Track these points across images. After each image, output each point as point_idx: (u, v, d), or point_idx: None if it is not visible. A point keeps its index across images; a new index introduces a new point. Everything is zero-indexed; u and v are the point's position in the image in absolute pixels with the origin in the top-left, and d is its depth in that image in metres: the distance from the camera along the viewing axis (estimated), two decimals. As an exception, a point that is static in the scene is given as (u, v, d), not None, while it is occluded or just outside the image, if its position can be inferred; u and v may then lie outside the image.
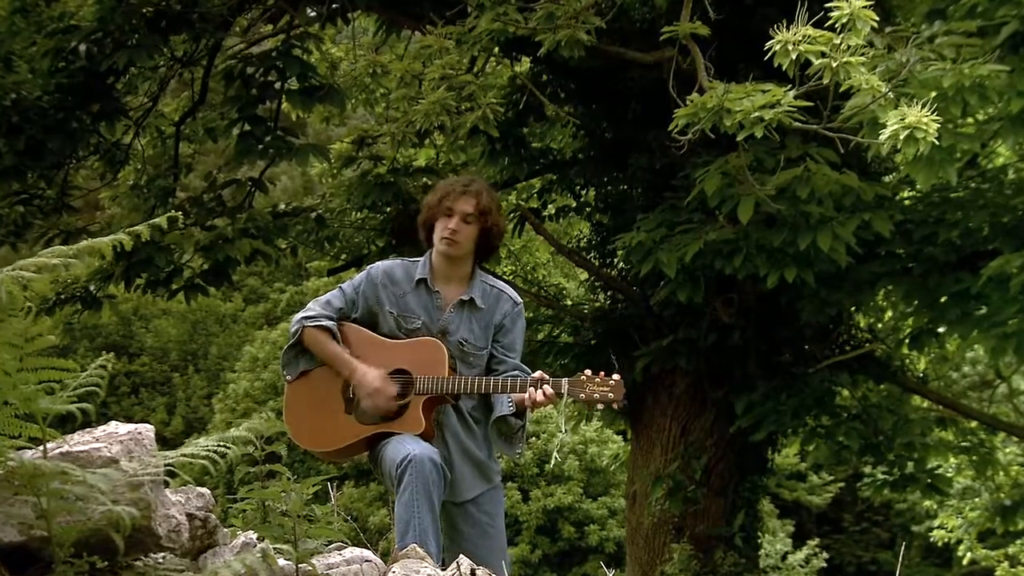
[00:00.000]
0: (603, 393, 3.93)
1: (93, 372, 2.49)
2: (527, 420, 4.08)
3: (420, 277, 4.12)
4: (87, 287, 9.67)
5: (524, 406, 3.98)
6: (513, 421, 4.04)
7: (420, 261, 4.18)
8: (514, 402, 3.99)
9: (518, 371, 4.09)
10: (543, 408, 3.95)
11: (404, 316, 4.11)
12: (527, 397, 3.90)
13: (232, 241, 8.67)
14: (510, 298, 4.18)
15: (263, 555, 2.48)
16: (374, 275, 4.17)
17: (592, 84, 9.00)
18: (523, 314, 4.24)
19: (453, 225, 4.07)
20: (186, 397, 29.38)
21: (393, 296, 4.12)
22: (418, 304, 4.11)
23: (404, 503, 3.79)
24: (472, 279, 4.16)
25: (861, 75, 4.92)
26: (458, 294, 4.13)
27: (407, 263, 4.21)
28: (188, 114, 10.28)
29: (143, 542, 2.59)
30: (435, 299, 4.12)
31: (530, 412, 4.03)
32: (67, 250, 2.38)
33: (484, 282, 4.18)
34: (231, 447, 2.50)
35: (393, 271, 4.18)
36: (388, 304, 4.12)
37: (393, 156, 8.85)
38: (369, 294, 4.15)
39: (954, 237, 7.34)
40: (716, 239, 7.07)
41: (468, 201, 4.11)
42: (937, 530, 15.63)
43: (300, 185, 29.83)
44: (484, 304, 4.13)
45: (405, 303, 4.12)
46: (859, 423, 8.06)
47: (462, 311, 4.12)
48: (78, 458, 2.48)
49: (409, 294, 4.12)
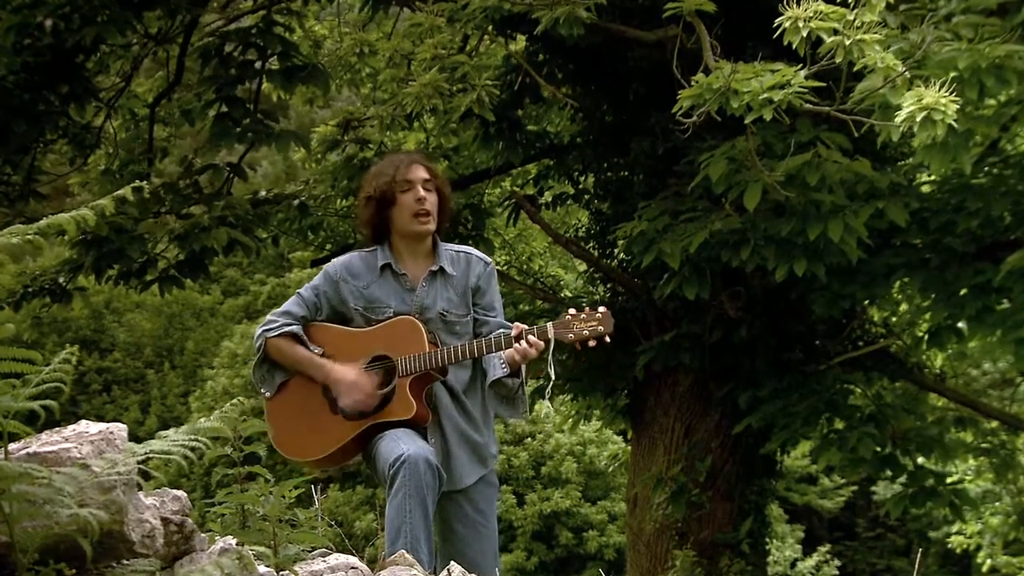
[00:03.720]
0: (593, 328, 3.95)
1: (57, 366, 2.49)
2: (524, 377, 4.09)
3: (384, 263, 4.14)
4: (56, 279, 9.65)
5: (518, 365, 4.00)
6: (510, 382, 4.07)
7: (377, 249, 4.19)
8: (507, 361, 4.01)
9: (502, 329, 4.11)
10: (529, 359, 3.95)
11: (372, 308, 4.12)
12: (515, 353, 3.92)
13: (209, 230, 8.66)
14: (480, 259, 4.22)
15: (241, 560, 2.48)
16: (332, 272, 4.17)
17: (592, 64, 9.00)
18: (495, 273, 4.27)
19: (422, 193, 4.10)
20: (161, 395, 29.35)
21: (356, 290, 4.13)
22: (386, 291, 4.13)
23: (396, 506, 3.80)
24: (435, 250, 4.18)
25: (876, 54, 4.92)
26: (425, 269, 4.15)
27: (364, 254, 4.21)
28: (163, 95, 10.25)
29: (115, 548, 2.58)
30: (403, 281, 4.14)
31: (525, 368, 4.04)
32: (27, 229, 2.36)
33: (448, 250, 4.21)
34: (203, 441, 2.49)
35: (352, 264, 4.18)
36: (352, 300, 4.13)
37: (381, 140, 8.84)
38: (331, 293, 4.16)
39: (974, 226, 7.34)
40: (722, 229, 7.07)
41: (420, 168, 4.16)
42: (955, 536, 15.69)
43: (282, 171, 29.78)
44: (455, 271, 4.16)
45: (371, 294, 4.13)
46: (873, 427, 8.06)
47: (434, 282, 4.14)
48: (45, 459, 2.48)
49: (374, 284, 4.14)
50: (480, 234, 9.78)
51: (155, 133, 10.41)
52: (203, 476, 22.90)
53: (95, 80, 9.78)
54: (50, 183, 10.74)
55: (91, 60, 9.57)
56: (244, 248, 9.01)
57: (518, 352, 3.92)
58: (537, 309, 9.92)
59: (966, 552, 16.27)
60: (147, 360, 30.46)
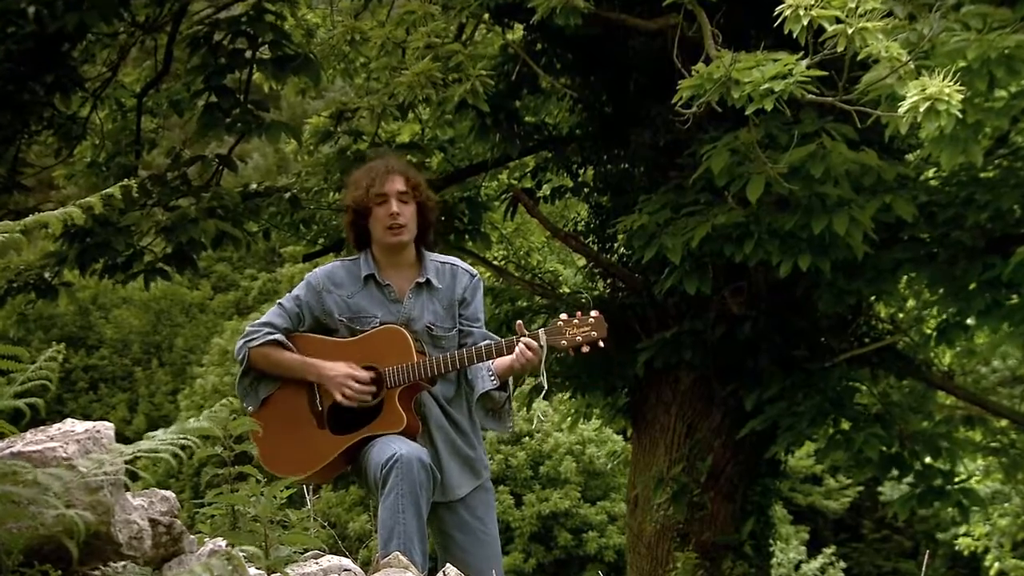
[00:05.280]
0: (586, 334, 3.96)
1: (43, 364, 2.50)
2: (512, 391, 4.11)
3: (367, 274, 4.13)
4: (41, 274, 9.65)
5: (506, 376, 4.02)
6: (498, 395, 4.08)
7: (360, 258, 4.18)
8: (495, 374, 4.02)
9: (487, 339, 4.11)
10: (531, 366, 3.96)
11: (357, 319, 4.11)
12: (515, 360, 3.93)
13: (197, 222, 8.65)
14: (466, 271, 4.23)
15: (232, 562, 2.49)
16: (314, 282, 4.16)
17: (590, 54, 8.99)
18: (481, 285, 4.28)
19: (394, 208, 4.08)
20: (149, 393, 29.35)
21: (340, 300, 4.12)
22: (371, 302, 4.12)
23: (388, 507, 3.80)
24: (421, 261, 4.18)
25: (879, 43, 4.92)
26: (410, 280, 4.14)
27: (347, 263, 4.21)
28: (151, 85, 10.24)
29: (102, 550, 2.59)
30: (388, 292, 4.13)
31: (514, 378, 4.06)
32: (13, 225, 2.38)
33: (434, 261, 4.20)
34: (192, 440, 2.50)
35: (335, 274, 4.17)
36: (337, 311, 4.12)
37: (374, 131, 8.84)
38: (313, 304, 4.14)
39: (983, 220, 7.35)
40: (725, 222, 7.08)
41: (396, 180, 4.13)
42: (963, 538, 15.72)
43: (273, 163, 29.80)
44: (441, 283, 4.15)
45: (356, 305, 4.12)
46: (880, 427, 8.07)
47: (420, 295, 4.13)
48: (31, 458, 2.48)
49: (359, 294, 4.13)
50: (476, 228, 9.78)
51: (143, 124, 10.39)
52: (192, 476, 22.94)
53: (81, 69, 9.76)
54: (35, 175, 10.72)
55: (77, 49, 9.55)
56: (234, 241, 8.99)
57: (516, 359, 3.92)
58: (535, 305, 9.92)
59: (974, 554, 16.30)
60: (135, 357, 30.46)
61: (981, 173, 7.60)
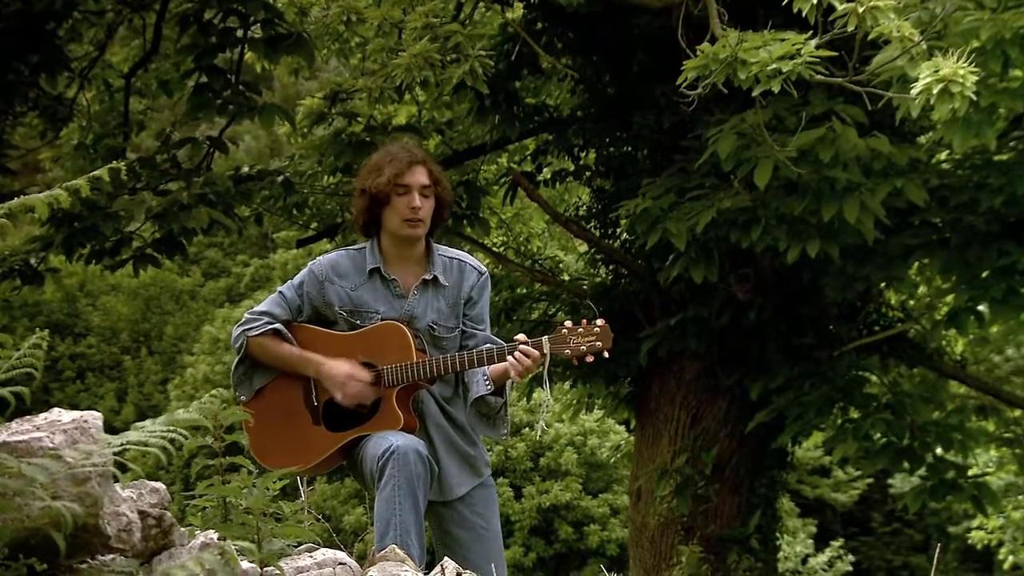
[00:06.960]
0: (590, 343, 3.95)
1: (28, 352, 2.50)
2: (508, 396, 4.10)
3: (373, 266, 4.09)
4: (26, 259, 9.64)
5: (503, 381, 4.01)
6: (493, 400, 4.06)
7: (366, 248, 4.14)
8: (491, 379, 4.01)
9: (490, 344, 4.09)
10: (528, 374, 3.97)
11: (358, 312, 4.08)
12: (510, 367, 3.91)
13: (189, 209, 8.64)
14: (474, 268, 4.18)
15: (224, 556, 2.50)
16: (318, 271, 4.11)
17: (592, 32, 8.98)
18: (488, 284, 4.24)
19: (416, 202, 4.04)
20: (138, 382, 29.39)
21: (343, 292, 4.09)
22: (374, 296, 4.09)
23: (385, 499, 3.79)
24: (429, 256, 4.14)
25: (890, 22, 4.92)
26: (417, 276, 4.11)
27: (352, 252, 4.17)
28: (139, 65, 10.23)
29: (89, 543, 2.59)
30: (393, 287, 4.09)
31: (514, 383, 4.05)
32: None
33: (443, 256, 4.16)
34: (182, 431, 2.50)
35: (339, 263, 4.13)
36: (337, 302, 4.08)
37: (370, 113, 8.82)
38: (314, 294, 4.11)
39: (997, 204, 7.34)
40: (731, 207, 7.08)
41: (420, 172, 4.08)
42: (976, 531, 15.76)
43: (265, 145, 29.77)
44: (447, 281, 4.12)
45: (359, 298, 4.09)
46: (890, 414, 8.07)
47: (426, 292, 4.10)
48: (16, 448, 2.49)
49: (362, 287, 4.09)
50: (475, 213, 9.77)
51: (131, 105, 10.39)
52: (183, 468, 22.97)
53: (67, 49, 9.75)
54: (20, 158, 10.73)
55: (63, 27, 9.54)
56: (225, 228, 8.99)
57: (512, 367, 3.89)
58: (535, 292, 9.92)
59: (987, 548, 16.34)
60: (123, 345, 30.50)
61: (995, 156, 7.60)
